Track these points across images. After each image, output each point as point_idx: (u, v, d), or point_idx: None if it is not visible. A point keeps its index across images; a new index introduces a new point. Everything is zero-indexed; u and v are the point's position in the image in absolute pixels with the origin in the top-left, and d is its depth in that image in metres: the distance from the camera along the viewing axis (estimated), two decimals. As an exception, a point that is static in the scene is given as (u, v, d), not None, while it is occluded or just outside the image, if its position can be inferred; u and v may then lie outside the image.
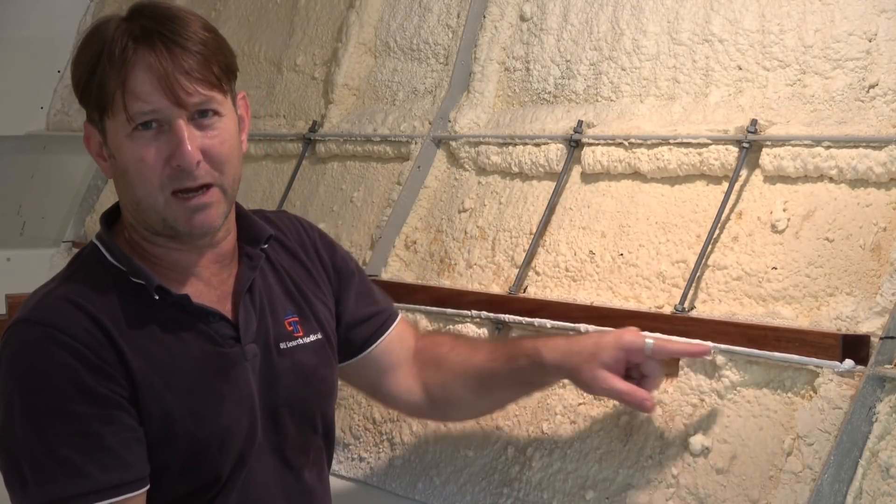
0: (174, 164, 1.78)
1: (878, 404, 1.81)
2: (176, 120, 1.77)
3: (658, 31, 2.41)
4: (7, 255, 3.89)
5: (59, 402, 1.73)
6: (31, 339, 1.76)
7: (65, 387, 1.73)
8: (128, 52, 1.76)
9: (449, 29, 2.91)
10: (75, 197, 4.05)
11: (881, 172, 1.98)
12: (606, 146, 2.38)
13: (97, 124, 1.82)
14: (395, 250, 2.75)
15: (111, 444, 1.73)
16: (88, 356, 1.75)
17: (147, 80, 1.76)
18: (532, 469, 2.23)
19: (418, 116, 2.85)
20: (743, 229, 2.13)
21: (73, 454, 1.72)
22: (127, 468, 1.74)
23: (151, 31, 1.78)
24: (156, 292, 1.82)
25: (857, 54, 2.09)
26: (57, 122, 4.31)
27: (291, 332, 1.96)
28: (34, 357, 1.75)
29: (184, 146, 1.77)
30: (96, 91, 1.79)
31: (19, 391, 1.74)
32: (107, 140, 1.82)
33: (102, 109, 1.79)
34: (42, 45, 4.35)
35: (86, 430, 1.73)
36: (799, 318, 1.99)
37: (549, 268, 2.41)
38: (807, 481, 1.84)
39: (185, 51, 1.78)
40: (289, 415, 1.92)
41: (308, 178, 3.11)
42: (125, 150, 1.79)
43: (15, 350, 1.77)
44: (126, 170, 1.80)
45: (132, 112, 1.77)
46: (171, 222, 1.81)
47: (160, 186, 1.79)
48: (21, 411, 1.73)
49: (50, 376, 1.73)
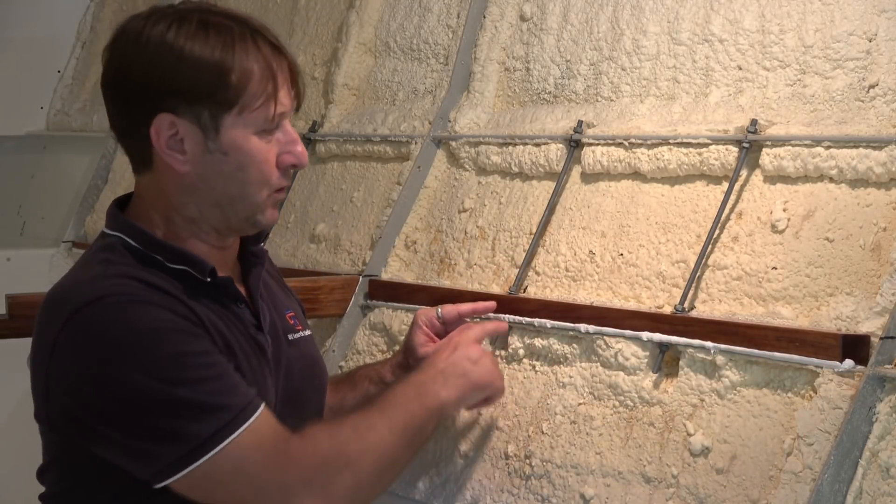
0: (289, 163, 1.86)
1: (878, 404, 1.81)
2: (286, 121, 1.86)
3: (658, 31, 2.41)
4: (7, 255, 3.89)
5: (166, 348, 1.74)
6: (118, 309, 1.75)
7: (167, 335, 1.74)
8: (273, 52, 1.83)
9: (449, 29, 2.91)
10: (75, 197, 4.05)
11: (881, 172, 1.98)
12: (606, 146, 2.38)
13: (203, 118, 1.81)
14: (395, 250, 2.75)
15: (219, 373, 1.77)
16: (176, 307, 1.78)
17: (286, 81, 1.85)
18: (532, 469, 2.23)
19: (418, 116, 2.85)
20: (743, 229, 2.13)
21: (190, 394, 1.73)
22: (242, 392, 1.78)
23: (270, 37, 1.86)
24: (209, 275, 1.86)
25: (857, 54, 2.09)
26: (57, 122, 4.32)
27: (294, 325, 2.03)
28: (129, 321, 1.74)
29: (301, 146, 1.87)
30: (234, 87, 1.80)
31: (125, 357, 1.72)
32: (219, 135, 1.82)
33: (229, 105, 1.81)
34: (42, 45, 4.35)
35: (197, 363, 1.75)
36: (799, 318, 1.99)
37: (549, 268, 2.41)
38: (807, 481, 1.84)
39: (294, 61, 1.89)
40: (297, 405, 1.95)
41: (308, 178, 3.11)
42: (251, 147, 1.83)
43: (104, 325, 1.74)
44: (243, 166, 1.83)
45: (276, 111, 1.83)
46: (257, 215, 1.88)
47: (270, 184, 1.86)
48: (131, 375, 1.72)
49: (150, 331, 1.74)
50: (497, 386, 2.15)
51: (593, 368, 2.22)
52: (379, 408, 1.92)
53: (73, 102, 4.29)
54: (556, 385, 2.26)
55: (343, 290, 2.71)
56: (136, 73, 1.83)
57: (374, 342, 2.65)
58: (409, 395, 1.97)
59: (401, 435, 1.91)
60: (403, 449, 1.92)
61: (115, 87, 1.87)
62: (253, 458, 1.74)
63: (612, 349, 2.18)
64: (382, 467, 1.88)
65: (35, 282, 3.48)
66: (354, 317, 2.71)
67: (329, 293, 2.68)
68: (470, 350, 2.08)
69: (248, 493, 1.76)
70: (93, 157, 4.05)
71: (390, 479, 1.94)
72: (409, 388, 1.99)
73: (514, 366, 2.35)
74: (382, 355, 2.62)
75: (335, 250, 2.91)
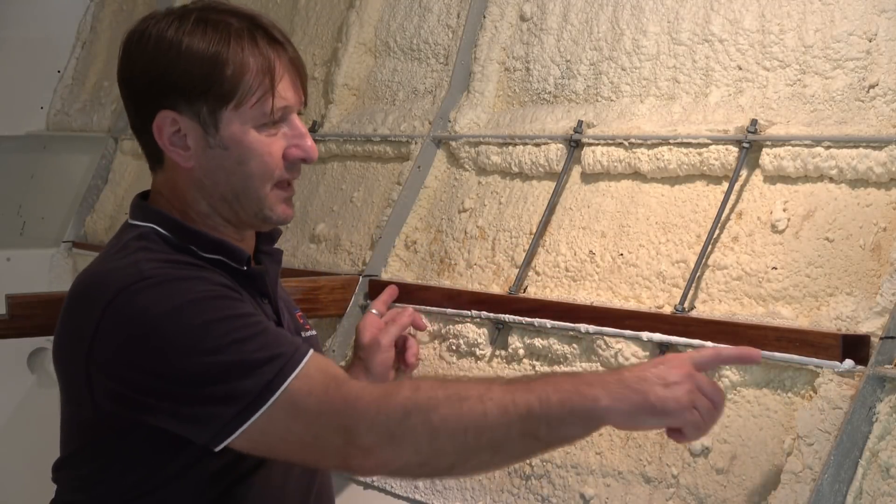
0: (295, 156, 1.86)
1: (878, 404, 1.81)
2: (293, 114, 1.86)
3: (658, 31, 2.41)
4: (7, 255, 3.89)
5: (217, 313, 1.73)
6: (162, 285, 1.75)
7: (212, 303, 1.74)
8: (273, 47, 1.84)
9: (449, 29, 2.91)
10: (75, 197, 4.05)
11: (881, 172, 1.98)
12: (606, 146, 2.38)
13: (202, 114, 1.83)
14: (395, 250, 2.75)
15: (265, 328, 1.77)
16: (217, 279, 1.80)
17: (288, 75, 1.85)
18: (532, 469, 2.23)
19: (418, 116, 2.85)
20: (743, 229, 2.13)
21: (259, 338, 1.73)
22: (290, 340, 1.78)
23: (273, 32, 1.87)
24: (246, 263, 1.87)
25: (857, 54, 2.09)
26: (57, 122, 4.32)
27: (303, 325, 2.05)
28: (173, 294, 1.74)
29: (309, 140, 1.87)
30: (229, 82, 1.81)
31: (175, 326, 1.72)
32: (218, 130, 1.83)
33: (228, 100, 1.82)
34: (42, 45, 4.36)
35: (254, 321, 1.76)
36: (799, 318, 1.99)
37: (549, 268, 2.41)
38: (807, 481, 1.84)
39: (298, 55, 1.89)
40: None
41: (308, 178, 3.11)
42: (250, 140, 1.83)
43: (149, 301, 1.74)
44: (244, 160, 1.84)
45: (275, 105, 1.83)
46: (266, 210, 1.87)
47: (275, 176, 1.86)
48: (186, 346, 1.72)
49: (195, 302, 1.73)
50: (688, 419, 1.71)
51: (593, 368, 2.22)
52: (504, 381, 1.72)
53: (73, 102, 4.29)
54: (556, 385, 2.26)
55: (343, 290, 2.71)
56: (139, 72, 1.86)
57: (374, 342, 2.65)
58: (559, 383, 1.70)
59: (508, 414, 1.66)
60: (506, 428, 1.66)
61: (124, 86, 1.90)
62: (306, 403, 1.70)
63: (612, 349, 2.18)
64: (466, 428, 1.66)
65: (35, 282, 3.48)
66: (354, 317, 2.70)
67: (329, 293, 2.68)
68: (672, 372, 1.72)
69: (308, 439, 1.71)
70: (93, 157, 4.05)
71: (486, 457, 1.70)
72: (567, 379, 1.72)
73: (514, 366, 2.35)
74: (382, 355, 2.62)
75: (335, 250, 2.91)
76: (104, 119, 4.09)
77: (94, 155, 4.04)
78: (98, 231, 3.89)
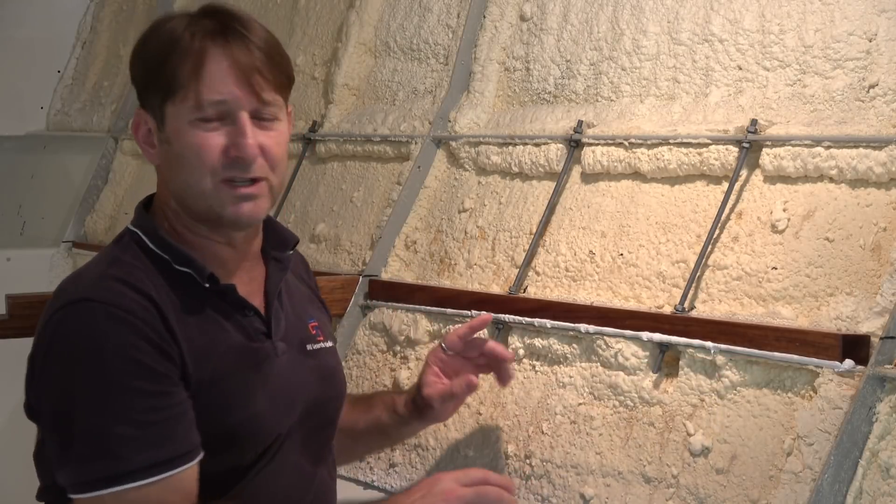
0: (233, 155, 1.83)
1: (878, 404, 1.81)
2: (240, 112, 1.83)
3: (658, 31, 2.41)
4: (7, 255, 3.89)
5: (122, 378, 1.74)
6: (94, 317, 1.77)
7: (127, 364, 1.75)
8: (206, 41, 1.82)
9: (449, 29, 2.91)
10: (75, 197, 4.05)
11: (881, 172, 1.98)
12: (606, 146, 2.38)
13: (156, 110, 1.85)
14: (395, 250, 2.75)
15: (166, 418, 1.76)
16: (148, 333, 1.77)
17: (223, 69, 1.82)
18: (532, 469, 2.23)
19: (418, 116, 2.85)
20: (743, 229, 2.13)
21: (130, 430, 1.73)
22: (179, 441, 1.76)
23: (227, 27, 1.84)
24: (207, 280, 1.85)
25: (857, 54, 2.09)
26: (57, 122, 4.32)
27: (315, 336, 2.01)
28: (97, 334, 1.76)
29: (246, 139, 1.82)
30: (166, 76, 1.82)
31: (81, 368, 1.75)
32: (164, 125, 1.84)
33: (168, 95, 1.83)
34: (42, 45, 4.35)
35: (144, 406, 1.75)
36: (799, 318, 1.99)
37: (549, 268, 2.41)
38: (807, 481, 1.84)
39: (259, 50, 1.84)
40: (313, 413, 1.95)
41: (308, 178, 3.11)
42: (186, 135, 1.83)
43: (76, 328, 1.77)
44: (182, 155, 1.84)
45: (204, 99, 1.81)
46: (217, 208, 1.85)
47: (212, 172, 1.83)
48: (81, 388, 1.74)
49: (113, 353, 1.75)
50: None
51: (593, 368, 2.22)
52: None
53: (73, 102, 4.29)
54: (556, 385, 2.26)
55: (343, 290, 2.71)
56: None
57: (374, 342, 2.65)
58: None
59: None
60: None
61: None
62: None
63: (612, 349, 2.18)
64: None
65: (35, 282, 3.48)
66: (354, 317, 2.71)
67: (329, 293, 2.67)
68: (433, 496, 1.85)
69: None
70: (93, 157, 4.06)
71: None
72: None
73: (514, 366, 2.35)
74: (382, 355, 2.62)
75: (335, 250, 2.91)
76: (104, 119, 4.09)
77: (94, 155, 4.05)
78: (98, 231, 3.89)
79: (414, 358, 2.54)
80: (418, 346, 2.55)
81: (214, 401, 1.82)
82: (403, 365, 2.56)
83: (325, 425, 2.00)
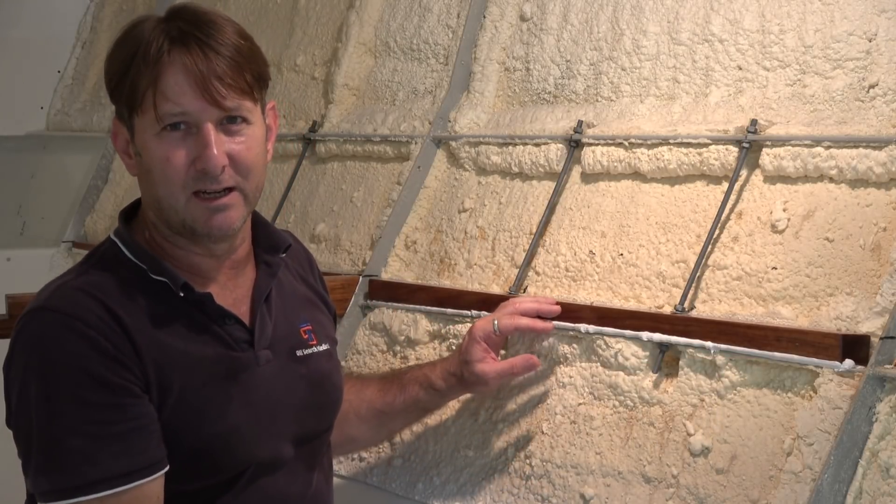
0: (199, 167, 1.80)
1: (878, 404, 1.81)
2: (204, 123, 1.79)
3: (658, 31, 2.41)
4: (7, 255, 3.89)
5: (73, 390, 1.74)
6: (47, 327, 1.77)
7: (78, 375, 1.74)
8: (163, 51, 1.78)
9: (449, 29, 2.91)
10: (75, 197, 4.05)
11: (881, 172, 1.98)
12: (606, 146, 2.38)
13: (126, 122, 1.84)
14: (395, 250, 2.75)
15: (122, 431, 1.74)
16: (103, 344, 1.76)
17: (180, 81, 1.78)
18: (532, 469, 2.23)
19: (418, 116, 2.85)
20: (743, 229, 2.13)
21: (83, 443, 1.73)
22: (137, 455, 1.75)
23: (187, 33, 1.80)
24: (181, 290, 1.83)
25: (857, 54, 2.09)
26: (57, 122, 4.31)
27: (307, 340, 1.99)
28: (50, 344, 1.76)
29: (210, 150, 1.79)
30: (128, 89, 1.80)
31: (34, 379, 1.75)
32: (134, 138, 1.83)
33: (132, 107, 1.81)
34: (42, 45, 4.35)
35: (98, 419, 1.74)
36: (799, 318, 1.99)
37: (549, 268, 2.41)
38: (807, 481, 1.84)
39: (220, 55, 1.80)
40: (304, 420, 1.93)
41: (308, 178, 3.11)
42: (151, 148, 1.81)
43: (30, 338, 1.78)
44: (150, 168, 1.82)
45: (162, 112, 1.78)
46: (189, 222, 1.83)
47: (182, 186, 1.80)
48: (35, 399, 1.75)
49: (64, 364, 1.74)
50: None
51: (593, 368, 2.22)
52: None
53: (73, 102, 4.29)
54: (556, 385, 2.26)
55: (343, 290, 2.71)
56: None
57: (374, 342, 2.65)
58: None
59: None
60: None
61: None
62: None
63: (612, 349, 2.18)
64: None
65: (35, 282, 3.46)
66: (354, 317, 2.71)
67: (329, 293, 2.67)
68: None
69: None
70: (93, 157, 4.05)
71: None
72: None
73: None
74: (382, 355, 2.62)
75: (335, 250, 2.91)
76: (104, 119, 4.08)
77: (94, 155, 4.04)
78: (98, 231, 3.89)
79: (414, 358, 2.54)
80: (418, 346, 2.55)
81: (184, 413, 1.80)
82: (403, 365, 2.56)
83: (318, 432, 1.98)
